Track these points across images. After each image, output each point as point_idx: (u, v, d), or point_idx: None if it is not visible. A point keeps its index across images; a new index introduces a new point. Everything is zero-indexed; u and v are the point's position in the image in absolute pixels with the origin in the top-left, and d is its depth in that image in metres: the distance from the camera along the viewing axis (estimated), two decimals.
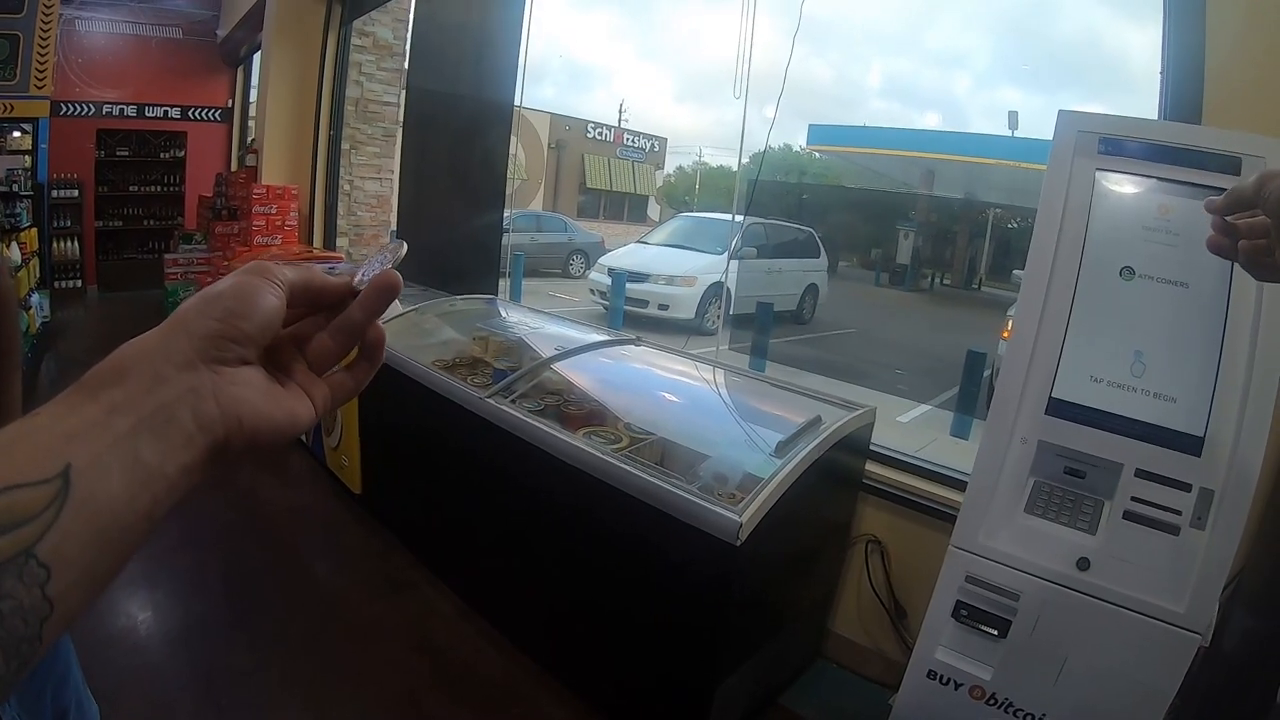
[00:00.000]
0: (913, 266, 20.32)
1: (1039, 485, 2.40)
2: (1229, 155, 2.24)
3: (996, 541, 2.40)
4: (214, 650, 3.72)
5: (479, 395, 3.85)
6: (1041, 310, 2.38)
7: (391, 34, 9.06)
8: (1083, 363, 2.34)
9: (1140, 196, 2.37)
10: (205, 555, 4.57)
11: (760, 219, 15.06)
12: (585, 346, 4.54)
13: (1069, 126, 2.46)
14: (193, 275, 9.03)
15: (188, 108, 14.25)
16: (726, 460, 3.19)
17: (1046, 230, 2.41)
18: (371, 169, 9.34)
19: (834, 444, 3.15)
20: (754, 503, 2.69)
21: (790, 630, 3.56)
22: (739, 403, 4.06)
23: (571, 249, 20.76)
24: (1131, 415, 2.26)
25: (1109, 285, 2.33)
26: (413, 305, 5.57)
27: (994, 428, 2.45)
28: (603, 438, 3.41)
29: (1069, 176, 2.42)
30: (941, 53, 37.47)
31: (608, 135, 32.95)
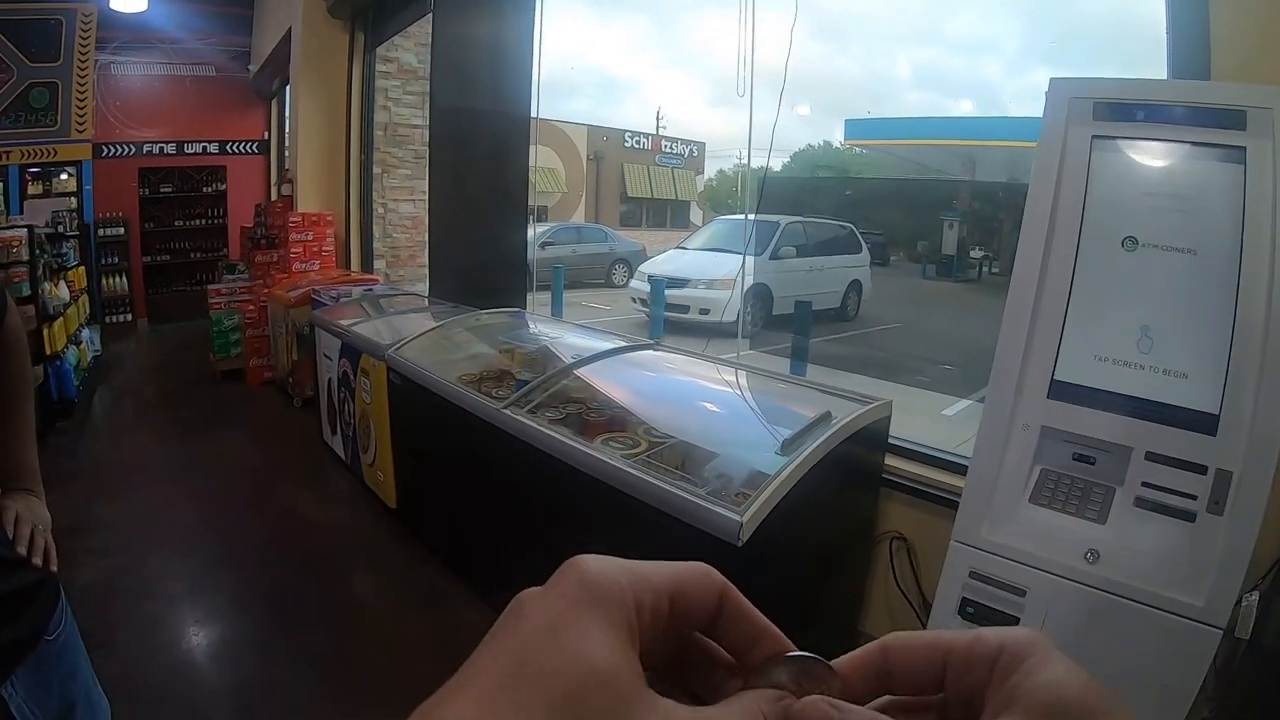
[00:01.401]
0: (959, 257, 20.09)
1: (1045, 474, 2.29)
2: (1233, 109, 2.12)
3: (1000, 535, 2.30)
4: (252, 663, 3.78)
5: (496, 407, 3.84)
6: (1038, 288, 2.28)
7: (415, 58, 9.16)
8: (1086, 341, 2.23)
9: (1140, 161, 2.26)
10: (245, 571, 4.67)
11: (799, 217, 14.94)
12: (604, 353, 4.49)
13: (1061, 94, 2.35)
14: (235, 304, 9.12)
15: (225, 142, 14.52)
16: (736, 460, 3.12)
17: (1040, 203, 2.31)
18: (404, 191, 9.43)
19: (846, 439, 3.07)
20: (756, 502, 2.62)
21: (816, 631, 3.45)
22: (755, 402, 4.00)
23: (613, 258, 20.72)
24: (1140, 395, 2.15)
25: (1111, 257, 2.22)
26: (440, 321, 5.59)
27: (992, 415, 2.36)
28: (621, 444, 3.38)
29: (1063, 146, 2.31)
30: (968, 39, 37.08)
31: (645, 143, 32.85)
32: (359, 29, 9.25)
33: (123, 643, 3.74)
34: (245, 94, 14.52)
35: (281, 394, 8.44)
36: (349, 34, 9.33)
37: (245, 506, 5.68)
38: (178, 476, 6.27)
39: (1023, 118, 18.90)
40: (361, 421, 5.52)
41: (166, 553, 4.86)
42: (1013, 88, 38.53)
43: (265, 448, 7.12)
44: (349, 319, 6.06)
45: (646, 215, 32.76)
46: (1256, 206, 2.06)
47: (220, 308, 9.16)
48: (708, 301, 12.84)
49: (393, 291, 7.70)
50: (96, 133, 11.91)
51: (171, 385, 9.50)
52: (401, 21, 8.61)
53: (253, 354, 9.03)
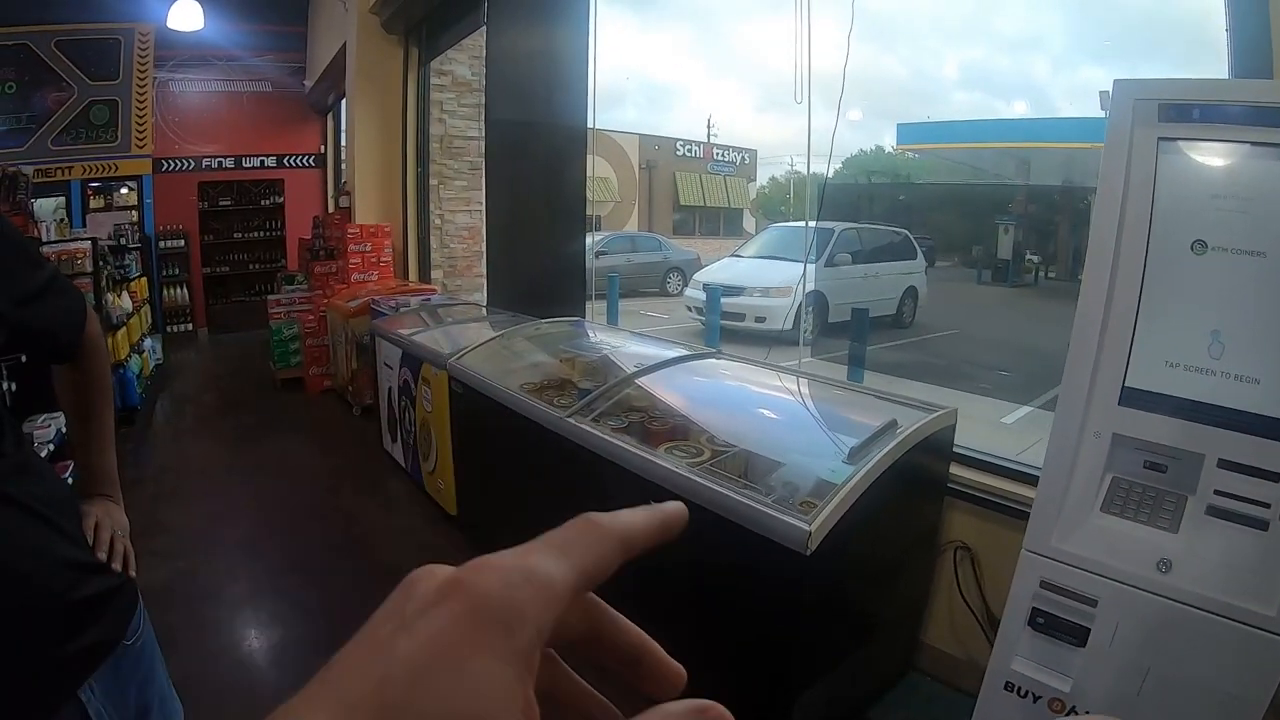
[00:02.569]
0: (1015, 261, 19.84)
1: (1116, 482, 2.26)
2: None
3: (1071, 544, 2.27)
4: (312, 667, 3.72)
5: (560, 415, 3.86)
6: (1108, 294, 2.24)
7: (469, 70, 9.22)
8: (1156, 347, 2.19)
9: (1207, 163, 2.22)
10: (306, 577, 4.72)
11: (854, 224, 14.88)
12: (665, 362, 4.51)
13: (1125, 96, 2.31)
14: (295, 314, 9.26)
15: (283, 156, 14.73)
16: (802, 468, 3.12)
17: (1108, 208, 2.28)
18: (460, 202, 9.50)
19: (911, 447, 3.05)
20: (824, 511, 2.61)
21: (877, 642, 3.47)
22: (818, 410, 3.97)
23: (668, 267, 20.77)
24: (1212, 401, 2.11)
25: (1180, 261, 2.18)
26: (500, 330, 5.62)
27: (1063, 422, 2.33)
28: (684, 452, 3.37)
29: (1129, 149, 2.27)
30: (1014, 37, 36.66)
31: (697, 152, 32.77)
32: (413, 43, 9.37)
33: (184, 644, 3.77)
34: (301, 109, 14.75)
35: (341, 402, 8.54)
36: (403, 48, 9.46)
37: (305, 512, 5.76)
38: (238, 482, 6.38)
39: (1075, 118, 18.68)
40: (422, 429, 5.56)
41: (228, 557, 4.94)
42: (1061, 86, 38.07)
43: (325, 455, 7.20)
44: (408, 329, 6.12)
45: (699, 223, 32.69)
46: None
47: (280, 318, 9.32)
48: (763, 309, 12.81)
49: (451, 301, 7.77)
50: (156, 148, 12.20)
51: (232, 393, 9.66)
52: (455, 35, 8.68)
53: (312, 363, 9.13)
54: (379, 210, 9.77)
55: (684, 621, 3.17)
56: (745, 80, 53.01)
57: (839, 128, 5.35)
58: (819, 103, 5.38)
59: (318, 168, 15.23)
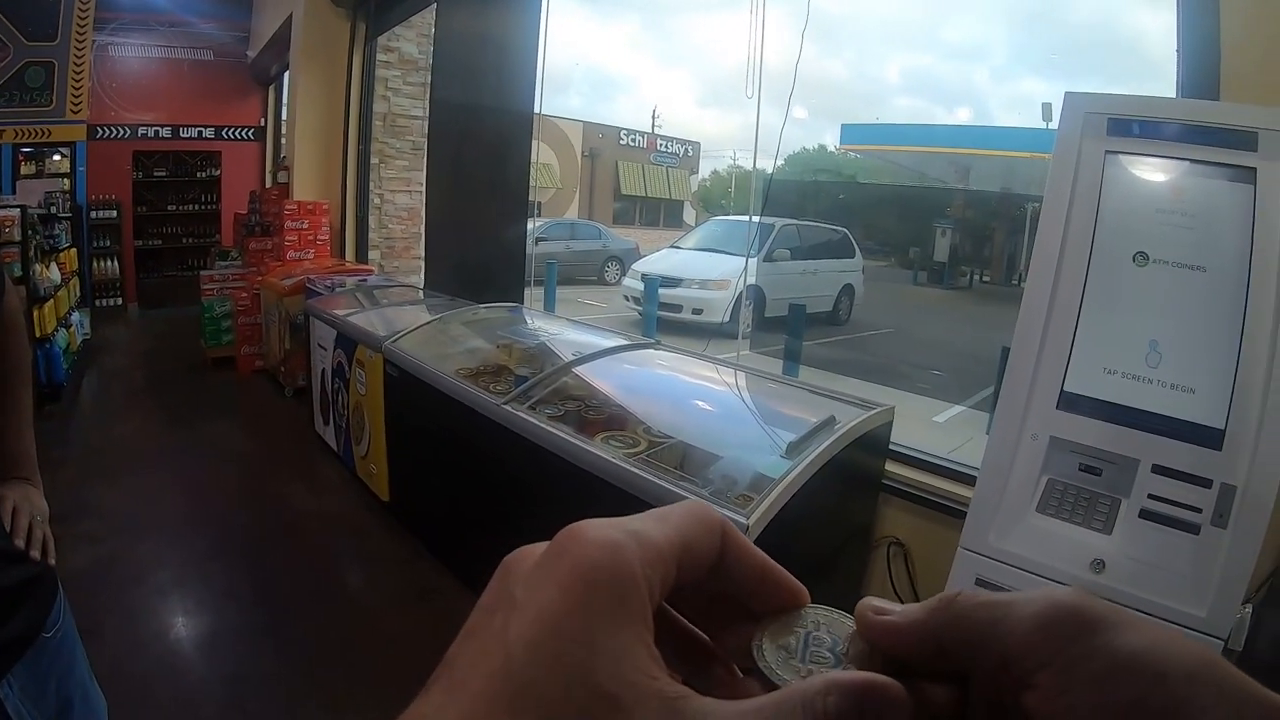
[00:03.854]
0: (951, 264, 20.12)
1: (1052, 483, 2.30)
2: (1245, 130, 2.14)
3: (1007, 543, 2.30)
4: (242, 655, 3.76)
5: (496, 402, 3.84)
6: (1050, 300, 2.29)
7: (416, 48, 9.12)
8: (1095, 354, 2.24)
9: (1153, 178, 2.28)
10: (236, 562, 4.65)
11: (794, 220, 15.01)
12: (604, 351, 4.51)
13: (1076, 108, 2.36)
14: (227, 291, 9.09)
15: (221, 128, 14.45)
16: (740, 462, 3.13)
17: (1054, 216, 2.32)
18: (401, 182, 9.39)
19: (849, 444, 3.08)
20: (761, 505, 2.63)
21: None
22: (757, 404, 4.01)
23: (606, 256, 20.75)
24: (1147, 408, 2.16)
25: (1121, 272, 2.23)
26: (437, 314, 5.58)
27: (1003, 424, 2.36)
28: (621, 442, 3.37)
29: (1077, 159, 2.32)
30: (958, 46, 37.27)
31: (641, 142, 32.82)
32: (361, 17, 9.22)
33: (110, 632, 3.71)
34: (242, 79, 14.46)
35: (273, 383, 8.41)
36: (350, 22, 9.30)
37: (235, 496, 5.68)
38: (167, 464, 6.25)
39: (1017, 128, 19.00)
40: (355, 413, 5.50)
41: (155, 541, 4.83)
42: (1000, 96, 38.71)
43: (256, 437, 7.10)
44: (344, 309, 6.06)
45: (640, 214, 32.74)
46: (1266, 226, 2.08)
47: (212, 294, 9.13)
48: (701, 301, 12.90)
49: (388, 283, 7.68)
50: (91, 114, 11.85)
51: (161, 371, 9.45)
52: (405, 11, 8.57)
53: (244, 342, 8.97)
54: (318, 187, 9.65)
55: None
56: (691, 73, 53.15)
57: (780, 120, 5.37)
58: (764, 99, 5.40)
59: (257, 141, 14.92)
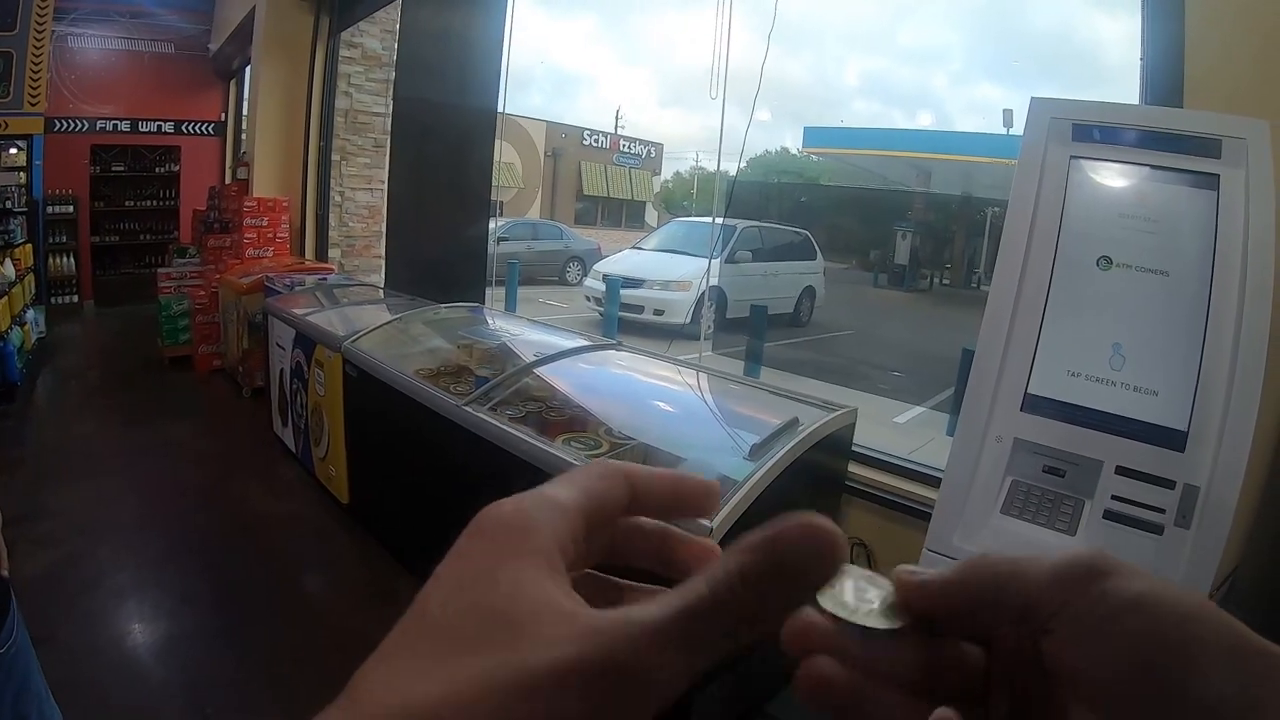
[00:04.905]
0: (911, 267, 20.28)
1: (1016, 485, 2.31)
2: (1208, 138, 2.18)
3: (972, 544, 2.29)
4: (201, 660, 3.70)
5: (457, 403, 3.81)
6: (1015, 304, 2.31)
7: (380, 44, 9.03)
8: (1059, 357, 2.26)
9: (1117, 183, 2.30)
10: (195, 566, 4.57)
11: (756, 222, 15.09)
12: (565, 352, 4.49)
13: (1041, 114, 2.39)
14: (185, 288, 8.96)
15: (181, 122, 14.26)
16: (703, 464, 3.12)
17: (1019, 221, 2.34)
18: (362, 179, 9.30)
19: (812, 445, 3.09)
20: (725, 507, 2.63)
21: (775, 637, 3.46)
22: (720, 406, 4.01)
23: (568, 256, 20.71)
24: (1111, 410, 2.18)
25: (1085, 276, 2.25)
26: (397, 314, 5.53)
27: (967, 426, 2.37)
28: (582, 444, 3.37)
29: (1041, 165, 2.34)
30: (916, 51, 37.68)
31: (604, 142, 32.83)
32: (325, 11, 9.12)
33: (64, 641, 3.65)
34: (203, 73, 14.27)
35: (231, 383, 8.29)
36: (314, 16, 9.19)
37: (193, 499, 5.58)
38: (124, 465, 6.14)
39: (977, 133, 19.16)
40: (314, 414, 5.44)
41: (112, 544, 4.75)
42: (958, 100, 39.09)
43: (214, 438, 7.00)
44: (303, 308, 5.99)
45: (601, 214, 32.77)
46: (1228, 232, 2.12)
47: (170, 292, 8.99)
48: (663, 302, 12.91)
49: (348, 282, 7.60)
50: (49, 106, 11.69)
51: (118, 370, 9.34)
52: (369, 6, 8.49)
53: (202, 341, 8.84)
54: (278, 184, 9.55)
55: None
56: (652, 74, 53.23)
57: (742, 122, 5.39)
58: (727, 101, 5.41)
59: (217, 136, 14.74)
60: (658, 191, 36.11)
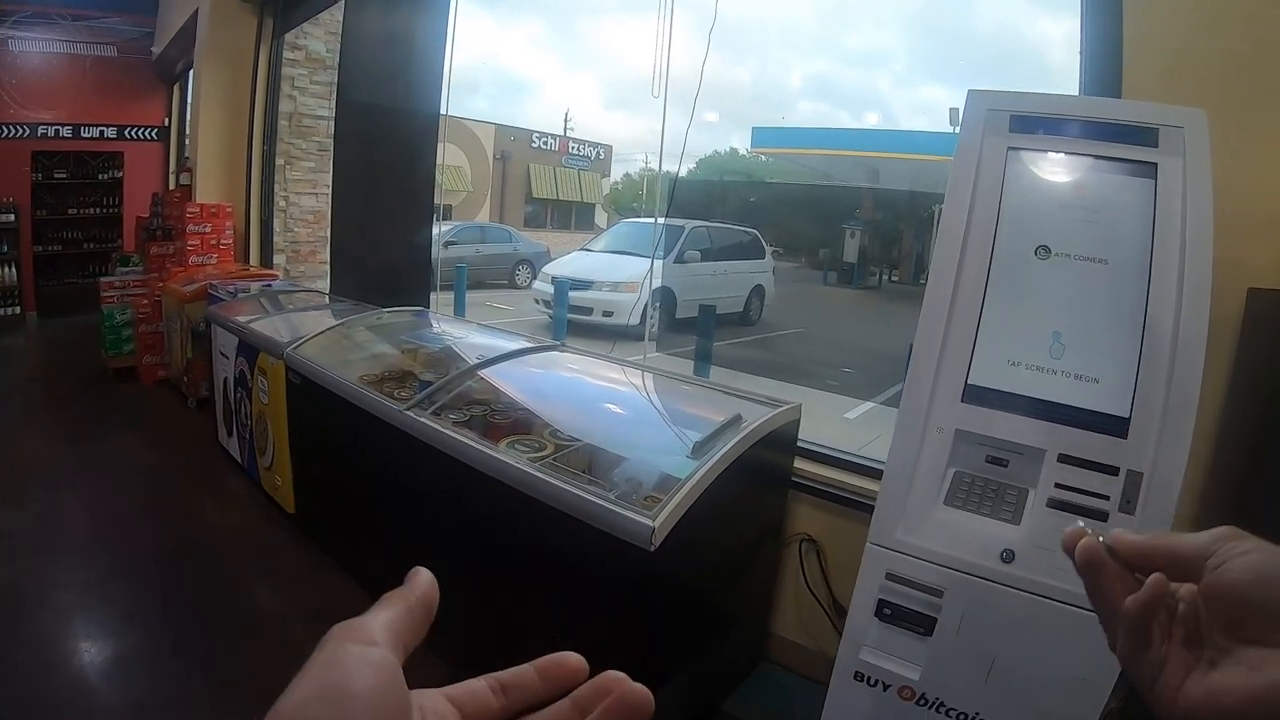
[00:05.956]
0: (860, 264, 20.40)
1: (959, 476, 2.31)
2: (1146, 127, 2.21)
3: (916, 536, 2.30)
4: (146, 677, 3.63)
5: (398, 408, 3.75)
6: (952, 295, 2.30)
7: (324, 47, 8.92)
8: (999, 347, 2.26)
9: (1055, 173, 2.32)
10: (140, 582, 4.48)
11: (704, 222, 15.11)
12: (508, 355, 4.44)
13: (979, 106, 2.40)
14: (129, 298, 8.81)
15: (124, 127, 13.94)
16: (646, 464, 3.11)
17: (955, 212, 2.33)
18: (307, 184, 9.20)
19: (756, 441, 3.07)
20: (668, 507, 2.60)
21: (727, 635, 3.47)
22: (664, 405, 4.00)
23: (517, 259, 20.68)
24: (1052, 399, 2.18)
25: (1024, 266, 2.26)
26: (340, 320, 5.48)
27: (907, 419, 2.36)
28: (526, 446, 3.33)
29: (979, 156, 2.35)
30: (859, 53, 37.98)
31: (553, 145, 32.78)
32: (268, 13, 8.95)
33: (5, 664, 3.58)
34: (147, 77, 13.93)
35: (176, 393, 8.16)
36: (258, 17, 9.02)
37: (137, 513, 5.46)
38: (66, 480, 5.97)
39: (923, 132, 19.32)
40: (259, 423, 5.35)
41: (54, 563, 4.63)
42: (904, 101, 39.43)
43: (158, 450, 6.85)
44: (246, 315, 5.86)
45: (551, 216, 32.76)
46: (1166, 219, 2.14)
47: (113, 301, 8.83)
48: (611, 304, 12.90)
49: (293, 288, 7.52)
50: None
51: (61, 383, 9.12)
52: (312, 7, 8.38)
53: (146, 351, 8.66)
54: (221, 189, 9.39)
55: (535, 623, 3.15)
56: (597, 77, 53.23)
57: (693, 129, 5.39)
58: (671, 102, 5.41)
59: (160, 141, 14.41)
60: (607, 193, 36.15)
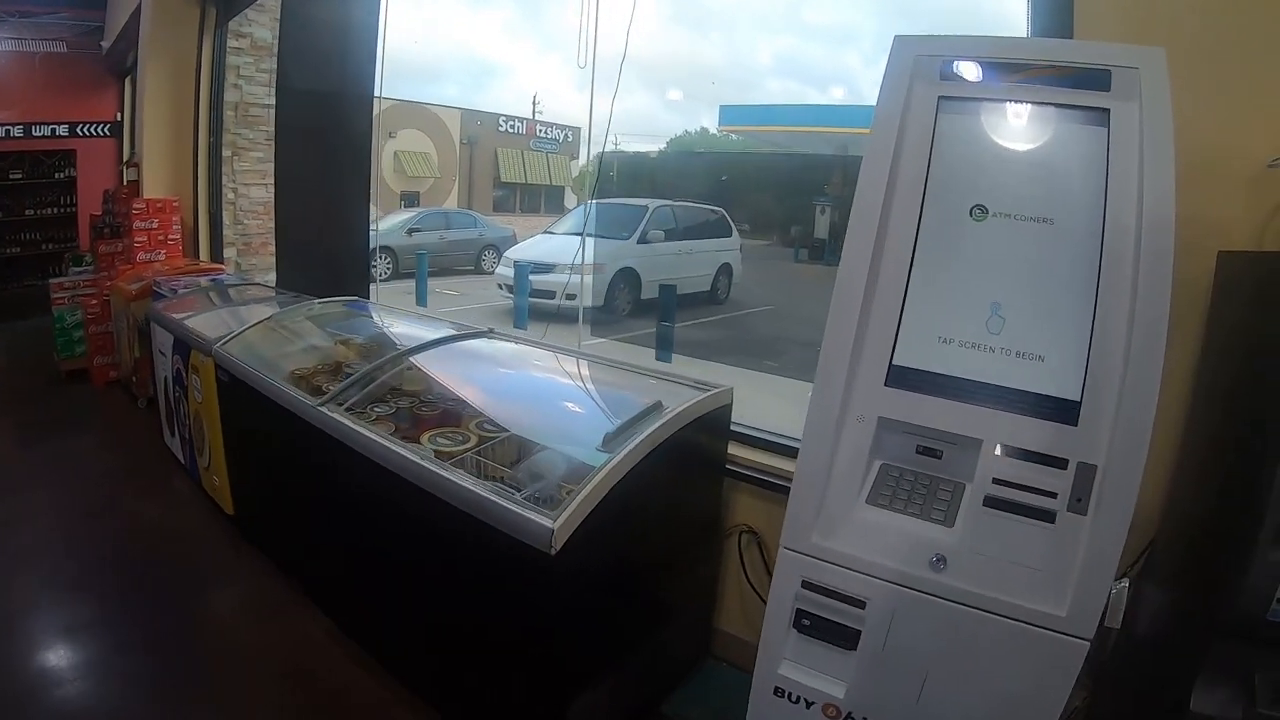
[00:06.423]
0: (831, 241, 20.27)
1: (885, 470, 2.07)
2: (1096, 69, 1.95)
3: (834, 541, 2.05)
4: (84, 684, 3.51)
5: (313, 404, 3.59)
6: (872, 264, 2.05)
7: (270, 34, 8.68)
8: (928, 322, 2.01)
9: (993, 124, 2.06)
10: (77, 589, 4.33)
11: (668, 201, 15.00)
12: (432, 343, 4.26)
13: (905, 52, 2.15)
14: (79, 298, 8.57)
15: (75, 124, 13.68)
16: (560, 457, 2.98)
17: (876, 171, 2.09)
18: (256, 175, 8.98)
19: (680, 428, 2.88)
20: (570, 507, 2.40)
21: (665, 632, 3.31)
22: (592, 393, 3.82)
23: (483, 244, 20.60)
24: (990, 380, 1.94)
25: (957, 228, 2.02)
26: (270, 313, 5.30)
27: (820, 407, 2.10)
28: (450, 439, 3.23)
29: (904, 108, 2.10)
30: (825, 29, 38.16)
31: (520, 128, 32.67)
32: (210, 1, 8.77)
33: None
34: (98, 72, 13.68)
35: (127, 394, 7.97)
36: (200, 6, 8.80)
37: (83, 517, 5.28)
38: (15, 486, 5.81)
39: None
40: (195, 422, 5.16)
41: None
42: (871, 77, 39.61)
43: (107, 452, 6.69)
44: (183, 312, 5.65)
45: (520, 200, 32.72)
46: (1120, 172, 1.89)
47: (63, 303, 8.58)
48: (574, 286, 12.76)
49: (238, 282, 7.29)
50: None
51: (13, 387, 8.89)
52: None
53: (97, 352, 8.45)
54: (169, 184, 9.14)
55: (449, 626, 3.06)
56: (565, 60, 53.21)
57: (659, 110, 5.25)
58: (637, 84, 5.28)
59: (113, 137, 14.18)
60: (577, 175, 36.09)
